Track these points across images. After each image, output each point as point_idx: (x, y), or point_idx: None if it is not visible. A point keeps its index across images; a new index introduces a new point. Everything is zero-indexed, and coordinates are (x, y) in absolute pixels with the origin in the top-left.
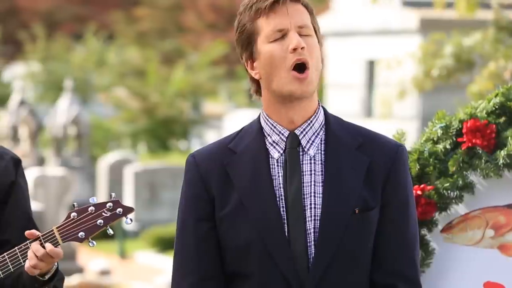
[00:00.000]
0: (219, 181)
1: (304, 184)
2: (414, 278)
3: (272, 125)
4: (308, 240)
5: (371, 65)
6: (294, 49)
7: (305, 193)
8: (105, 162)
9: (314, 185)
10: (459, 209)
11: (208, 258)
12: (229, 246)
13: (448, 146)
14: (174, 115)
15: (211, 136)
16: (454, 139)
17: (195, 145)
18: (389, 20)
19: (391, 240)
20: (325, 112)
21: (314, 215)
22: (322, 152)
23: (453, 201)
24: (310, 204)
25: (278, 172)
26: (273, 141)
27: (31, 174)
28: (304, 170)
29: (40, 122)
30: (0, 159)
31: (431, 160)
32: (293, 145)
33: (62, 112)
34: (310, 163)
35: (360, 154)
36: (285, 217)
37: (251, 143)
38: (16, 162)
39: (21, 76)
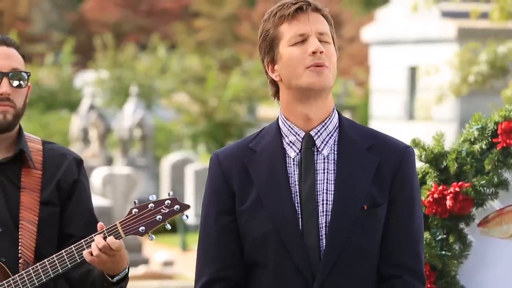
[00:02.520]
0: (240, 178)
1: (318, 182)
2: (418, 270)
3: (290, 126)
4: (320, 234)
5: (412, 71)
6: (314, 53)
7: (318, 190)
8: (167, 162)
9: (327, 182)
10: (494, 204)
11: (228, 248)
12: (248, 238)
13: (484, 146)
14: (231, 118)
15: None
16: (490, 139)
17: None
18: (429, 30)
19: (397, 235)
20: (340, 116)
21: (326, 211)
22: (335, 152)
23: (489, 197)
24: (323, 200)
25: (294, 171)
26: (290, 141)
27: (100, 173)
28: (318, 168)
29: (108, 125)
30: (64, 159)
31: (468, 159)
32: (308, 146)
33: (128, 116)
34: (324, 162)
35: (370, 154)
36: (300, 212)
37: (270, 143)
38: (78, 162)
39: (91, 83)
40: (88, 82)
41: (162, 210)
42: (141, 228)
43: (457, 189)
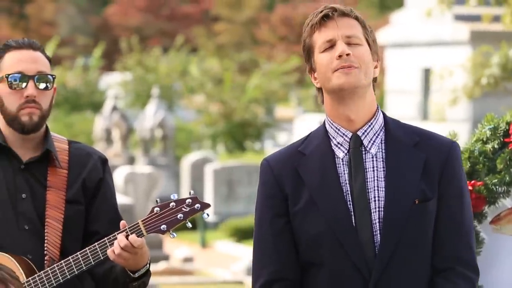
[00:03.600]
0: (292, 181)
1: (368, 180)
2: (471, 261)
3: (336, 128)
4: (374, 230)
5: (426, 72)
6: (340, 56)
7: (369, 187)
8: (187, 161)
9: (377, 180)
10: (506, 202)
11: (284, 250)
12: (303, 238)
13: (496, 146)
14: (250, 119)
15: (283, 138)
16: (502, 139)
17: (268, 146)
18: (442, 32)
19: (448, 228)
20: (384, 115)
21: (378, 207)
22: (383, 151)
23: (501, 195)
24: (374, 197)
25: (344, 170)
26: (338, 143)
27: (122, 172)
28: (367, 167)
29: (130, 125)
30: (89, 158)
31: (480, 158)
32: (356, 145)
33: (150, 116)
34: (372, 161)
35: (417, 151)
36: (352, 210)
37: (319, 145)
38: (103, 161)
39: (115, 85)
40: (112, 84)
41: (183, 208)
42: (163, 226)
43: (470, 187)
